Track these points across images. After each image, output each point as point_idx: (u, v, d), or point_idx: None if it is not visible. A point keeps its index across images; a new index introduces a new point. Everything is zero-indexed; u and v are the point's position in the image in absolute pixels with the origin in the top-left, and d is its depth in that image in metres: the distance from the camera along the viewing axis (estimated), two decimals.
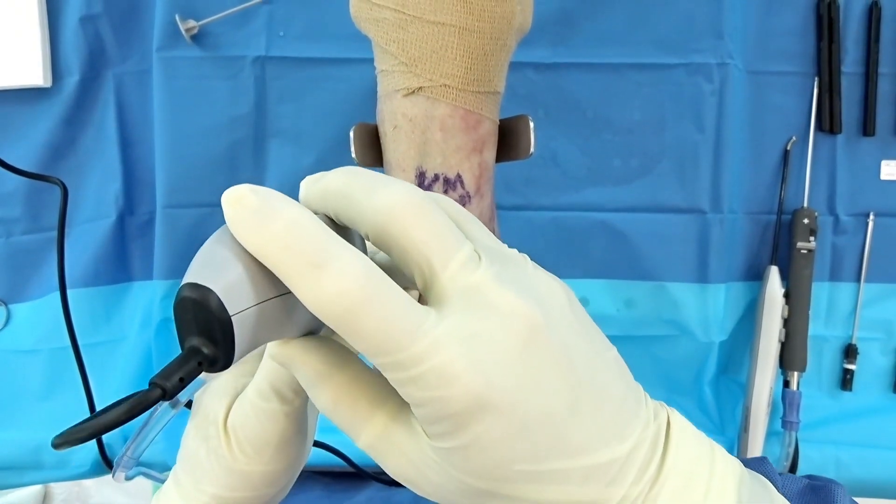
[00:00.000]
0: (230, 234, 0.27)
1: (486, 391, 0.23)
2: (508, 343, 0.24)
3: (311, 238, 0.24)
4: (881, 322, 0.69)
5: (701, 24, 0.66)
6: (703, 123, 0.67)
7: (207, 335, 0.26)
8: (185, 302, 0.26)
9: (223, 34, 0.67)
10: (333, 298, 0.23)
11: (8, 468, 0.69)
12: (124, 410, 0.24)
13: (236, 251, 0.27)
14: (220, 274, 0.26)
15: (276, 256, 0.24)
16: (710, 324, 0.68)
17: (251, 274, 0.26)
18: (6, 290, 0.71)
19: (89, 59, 0.69)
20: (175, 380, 0.25)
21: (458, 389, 0.23)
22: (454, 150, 0.42)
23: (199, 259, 0.27)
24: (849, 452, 0.67)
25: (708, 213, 0.67)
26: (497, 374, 0.23)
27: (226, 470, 0.35)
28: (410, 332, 0.23)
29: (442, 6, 0.41)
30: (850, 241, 0.69)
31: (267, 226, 0.24)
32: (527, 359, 0.24)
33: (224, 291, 0.25)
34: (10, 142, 0.68)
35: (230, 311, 0.25)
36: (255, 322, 0.26)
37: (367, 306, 0.23)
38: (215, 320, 0.25)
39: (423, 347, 0.23)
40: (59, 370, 0.69)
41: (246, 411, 0.34)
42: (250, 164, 0.68)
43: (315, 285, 0.23)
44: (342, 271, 0.23)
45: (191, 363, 0.25)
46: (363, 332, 0.23)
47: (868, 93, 0.68)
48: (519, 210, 0.68)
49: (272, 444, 0.34)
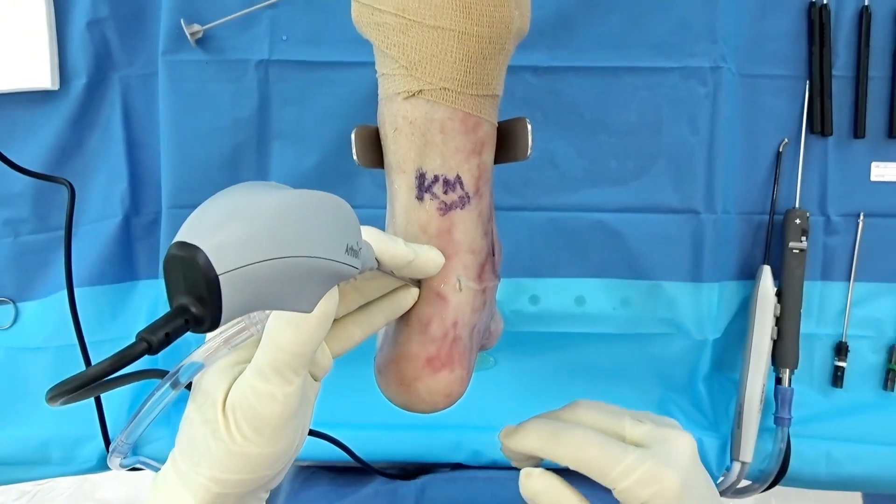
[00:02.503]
0: (228, 196, 0.27)
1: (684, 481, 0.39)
2: (687, 456, 0.41)
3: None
4: (871, 320, 0.71)
5: (695, 29, 0.68)
6: (697, 126, 0.68)
7: (195, 294, 0.25)
8: (174, 260, 0.25)
9: (227, 38, 0.68)
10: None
11: (16, 463, 0.70)
12: (110, 362, 0.25)
13: (233, 211, 0.26)
14: (211, 233, 0.26)
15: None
16: (704, 322, 0.69)
17: (247, 234, 0.26)
18: (14, 289, 0.72)
19: (96, 63, 0.70)
20: (161, 335, 0.25)
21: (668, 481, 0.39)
22: (454, 152, 0.43)
23: (193, 219, 0.27)
24: (839, 448, 0.68)
25: (702, 213, 0.68)
26: (688, 473, 0.40)
27: (224, 451, 0.35)
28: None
29: (441, 11, 0.41)
30: (841, 240, 0.70)
31: None
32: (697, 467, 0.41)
33: (213, 250, 0.25)
34: (18, 143, 0.69)
35: (218, 270, 0.25)
36: (247, 284, 0.26)
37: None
38: (202, 279, 0.25)
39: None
40: (65, 367, 0.70)
41: (244, 393, 0.35)
42: (253, 165, 0.70)
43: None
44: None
45: (177, 320, 0.25)
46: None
47: (858, 96, 0.69)
48: (517, 210, 0.69)
49: (270, 425, 0.35)
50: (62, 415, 0.69)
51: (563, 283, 0.70)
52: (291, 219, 0.29)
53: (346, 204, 0.34)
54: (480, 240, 0.44)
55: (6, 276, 0.72)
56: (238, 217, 0.26)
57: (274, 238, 0.27)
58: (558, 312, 0.70)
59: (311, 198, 0.31)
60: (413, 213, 0.43)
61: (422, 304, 0.43)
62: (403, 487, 0.66)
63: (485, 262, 0.45)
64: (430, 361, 0.43)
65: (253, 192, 0.29)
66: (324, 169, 0.69)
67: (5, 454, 0.70)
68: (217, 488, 0.36)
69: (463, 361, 0.44)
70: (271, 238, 0.27)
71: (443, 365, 0.43)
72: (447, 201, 0.43)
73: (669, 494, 0.39)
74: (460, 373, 0.44)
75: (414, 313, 0.44)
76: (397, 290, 0.43)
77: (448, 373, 0.43)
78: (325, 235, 0.31)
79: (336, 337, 0.42)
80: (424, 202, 0.43)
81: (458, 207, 0.43)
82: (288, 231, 0.28)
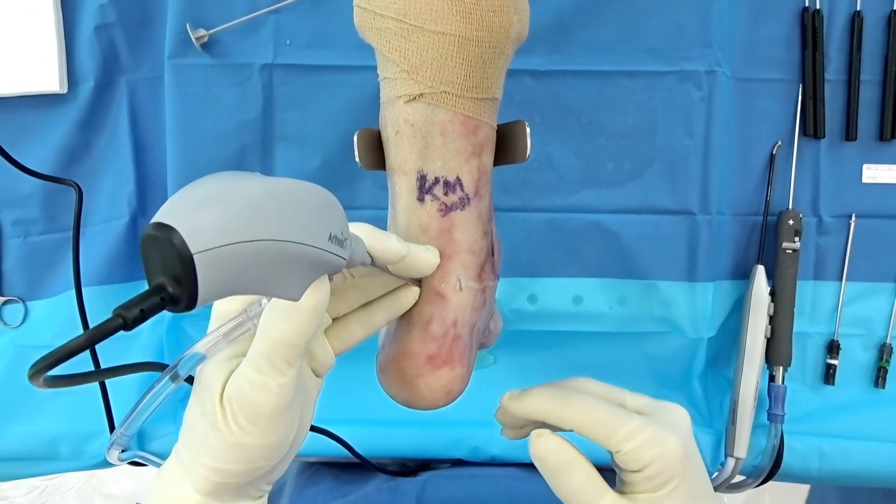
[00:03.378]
0: (208, 180, 0.27)
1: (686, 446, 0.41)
2: (686, 425, 0.42)
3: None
4: (862, 319, 0.72)
5: (690, 34, 0.69)
6: (692, 129, 0.69)
7: (171, 273, 0.26)
8: (149, 239, 0.26)
9: (232, 42, 0.69)
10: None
11: (25, 459, 0.71)
12: (86, 336, 0.26)
13: (211, 194, 0.27)
14: (187, 214, 0.26)
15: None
16: (698, 321, 0.70)
17: (223, 216, 0.26)
18: (24, 288, 0.73)
19: (103, 67, 0.71)
20: (136, 311, 0.25)
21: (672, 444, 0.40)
22: (454, 154, 0.44)
23: (171, 201, 0.27)
24: (832, 444, 0.70)
25: (697, 214, 0.69)
26: (688, 440, 0.42)
27: (222, 442, 0.36)
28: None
29: (442, 16, 0.42)
30: (833, 241, 0.71)
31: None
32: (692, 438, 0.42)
33: (188, 230, 0.25)
34: (27, 145, 0.71)
35: (193, 249, 0.25)
36: (223, 265, 0.26)
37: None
38: (177, 258, 0.25)
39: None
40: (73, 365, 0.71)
41: (240, 384, 0.36)
42: (258, 167, 0.71)
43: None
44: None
45: (153, 298, 0.26)
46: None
47: (850, 99, 0.70)
48: (516, 211, 0.70)
49: (265, 415, 0.36)
50: (71, 411, 0.71)
51: (561, 283, 0.71)
52: (270, 203, 0.29)
53: (330, 194, 0.34)
54: (480, 240, 0.46)
55: (16, 275, 0.73)
56: (216, 200, 0.27)
57: (251, 220, 0.27)
58: (556, 311, 0.71)
59: (292, 185, 0.31)
60: (414, 214, 0.45)
61: (423, 303, 0.45)
62: (405, 484, 0.67)
63: (484, 262, 0.46)
64: (431, 359, 0.44)
65: (234, 178, 0.30)
66: (327, 171, 0.70)
67: (15, 450, 0.71)
68: (216, 478, 0.37)
69: (463, 359, 0.45)
70: (248, 220, 0.27)
71: (443, 363, 0.44)
72: (447, 202, 0.44)
73: (672, 457, 0.40)
74: (460, 370, 0.45)
75: (415, 312, 0.45)
76: (398, 289, 0.44)
77: (448, 370, 0.44)
78: (306, 222, 0.31)
79: (338, 334, 0.43)
80: (425, 203, 0.44)
81: (458, 209, 0.44)
82: (266, 215, 0.28)
